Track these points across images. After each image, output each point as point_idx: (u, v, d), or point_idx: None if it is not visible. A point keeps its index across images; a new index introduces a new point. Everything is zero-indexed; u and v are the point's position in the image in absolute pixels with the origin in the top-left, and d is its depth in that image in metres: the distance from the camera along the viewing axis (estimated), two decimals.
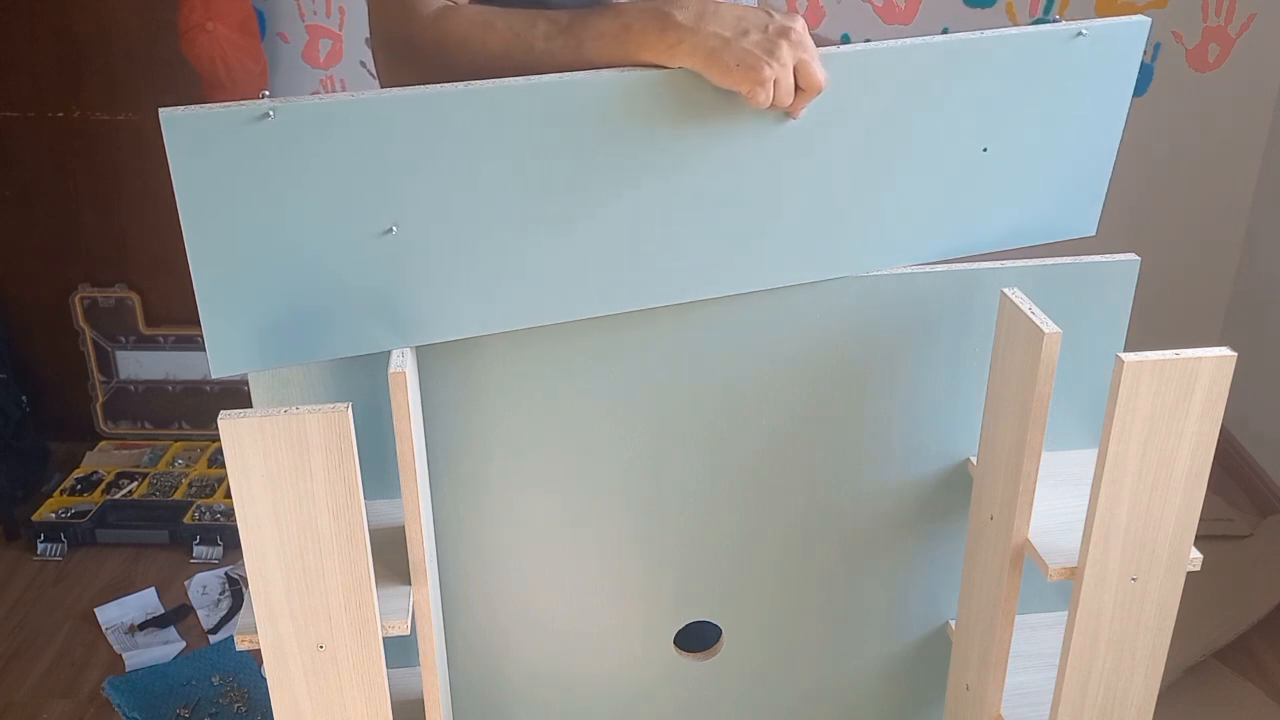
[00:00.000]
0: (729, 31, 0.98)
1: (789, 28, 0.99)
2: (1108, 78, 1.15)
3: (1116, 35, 1.13)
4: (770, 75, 0.97)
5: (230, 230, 0.96)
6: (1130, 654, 1.14)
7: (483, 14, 1.08)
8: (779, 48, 0.98)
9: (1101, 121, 1.17)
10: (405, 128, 0.96)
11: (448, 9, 1.09)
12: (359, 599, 1.02)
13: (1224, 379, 1.03)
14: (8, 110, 2.57)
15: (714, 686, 1.33)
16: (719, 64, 0.98)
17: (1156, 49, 2.62)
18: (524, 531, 1.22)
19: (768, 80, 0.97)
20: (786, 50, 0.98)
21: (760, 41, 0.98)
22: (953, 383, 1.21)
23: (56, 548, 2.53)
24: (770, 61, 0.97)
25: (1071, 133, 1.16)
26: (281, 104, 0.93)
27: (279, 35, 2.56)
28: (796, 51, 0.99)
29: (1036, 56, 1.11)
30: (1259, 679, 2.18)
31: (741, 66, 0.97)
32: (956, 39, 1.08)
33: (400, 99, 0.96)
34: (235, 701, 2.13)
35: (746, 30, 0.98)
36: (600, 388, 1.16)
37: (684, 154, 1.04)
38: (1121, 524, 1.08)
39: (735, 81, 0.98)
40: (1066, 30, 1.10)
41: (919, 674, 1.36)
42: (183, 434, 2.85)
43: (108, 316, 2.77)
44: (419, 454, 1.07)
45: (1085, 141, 1.17)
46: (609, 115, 1.01)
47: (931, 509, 1.27)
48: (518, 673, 1.29)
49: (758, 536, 1.26)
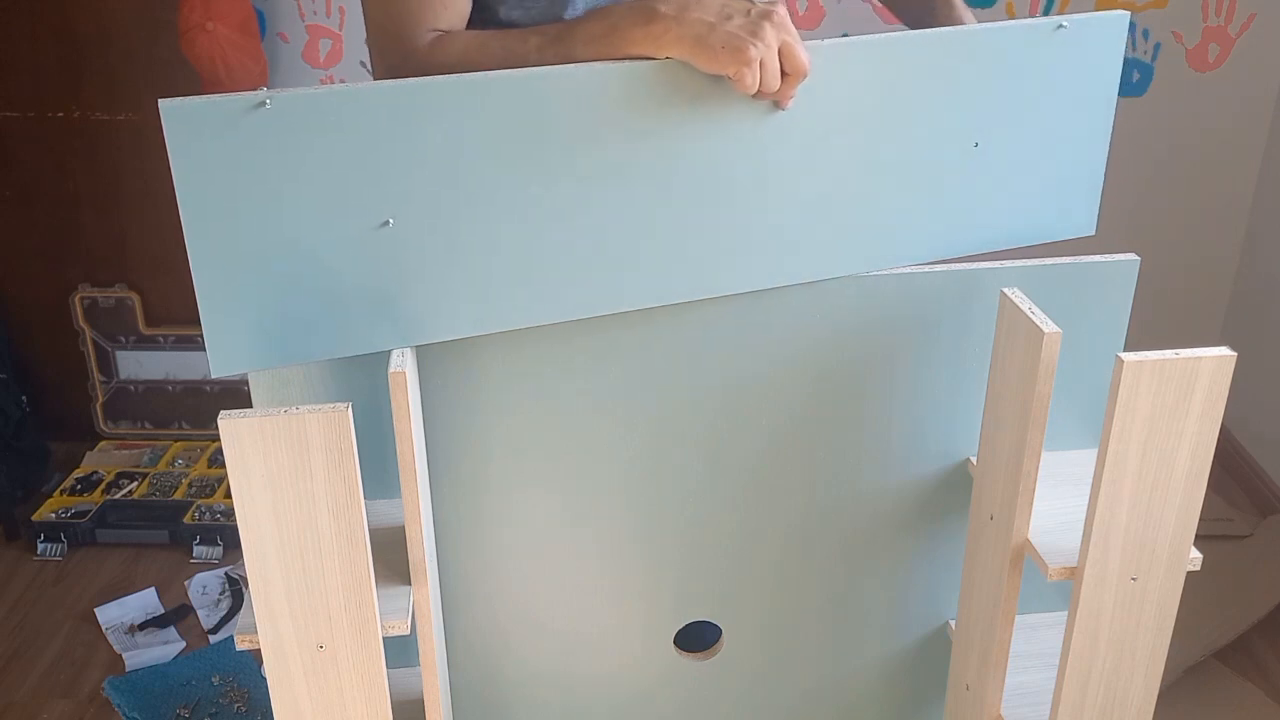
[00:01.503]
0: (713, 17, 1.01)
1: (770, 10, 1.02)
2: (1093, 70, 1.15)
3: (1098, 28, 1.14)
4: (756, 55, 0.99)
5: (229, 223, 0.97)
6: (1130, 654, 1.14)
7: (476, 37, 1.11)
8: (763, 29, 1.00)
9: (1090, 115, 1.18)
10: (398, 119, 0.97)
11: (442, 38, 1.12)
12: (359, 599, 1.02)
13: (1224, 379, 1.03)
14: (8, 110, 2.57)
15: (714, 686, 1.33)
16: (705, 48, 1.00)
17: (1156, 49, 2.62)
18: (524, 531, 1.22)
19: (754, 60, 0.99)
20: (770, 31, 1.00)
21: (744, 25, 1.00)
22: (953, 383, 1.21)
23: (56, 548, 2.53)
24: (755, 42, 0.99)
25: (1061, 127, 1.17)
26: (278, 94, 0.93)
27: (279, 35, 2.56)
28: (780, 33, 1.01)
29: (1021, 49, 1.12)
30: (1259, 679, 2.18)
31: (727, 49, 0.99)
32: (941, 32, 1.08)
33: (392, 90, 0.96)
34: (235, 701, 2.13)
35: (730, 15, 1.01)
36: (600, 388, 1.16)
37: (675, 147, 1.05)
38: (1121, 524, 1.08)
39: (722, 64, 1.00)
40: (1048, 24, 1.11)
41: (919, 674, 1.36)
42: (183, 434, 2.85)
43: (108, 316, 2.77)
44: (419, 454, 1.07)
45: (1076, 136, 1.18)
46: (599, 105, 1.02)
47: (931, 509, 1.27)
48: (518, 673, 1.29)
49: (758, 536, 1.26)
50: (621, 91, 1.02)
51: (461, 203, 1.01)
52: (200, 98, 0.93)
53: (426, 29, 1.11)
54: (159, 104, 0.92)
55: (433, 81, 0.97)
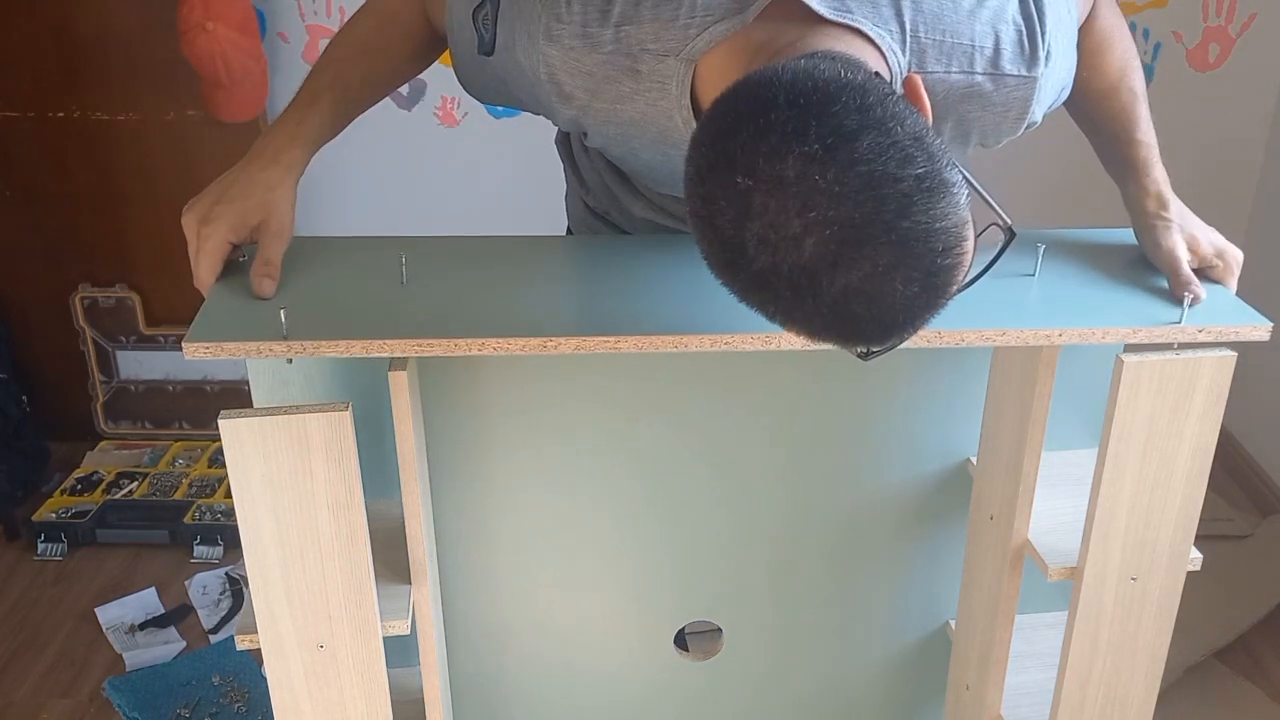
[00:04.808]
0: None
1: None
2: None
3: None
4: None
5: None
6: (1130, 654, 1.14)
7: (356, 48, 1.18)
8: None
9: None
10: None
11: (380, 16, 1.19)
12: (359, 599, 1.02)
13: (1224, 379, 1.03)
14: (8, 110, 2.57)
15: (714, 686, 1.33)
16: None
17: (1156, 49, 2.62)
18: (524, 531, 1.22)
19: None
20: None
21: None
22: (953, 383, 1.21)
23: (57, 548, 2.53)
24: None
25: None
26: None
27: (279, 35, 2.56)
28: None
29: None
30: (1259, 679, 2.18)
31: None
32: None
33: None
34: (235, 701, 2.13)
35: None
36: (600, 387, 1.16)
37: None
38: (1121, 524, 1.08)
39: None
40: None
41: (919, 674, 1.36)
42: (183, 434, 2.85)
43: (108, 316, 2.77)
44: (419, 454, 1.07)
45: None
46: None
47: (931, 509, 1.27)
48: (518, 672, 1.29)
49: (757, 536, 1.26)
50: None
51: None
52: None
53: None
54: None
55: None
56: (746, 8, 0.91)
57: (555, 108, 1.01)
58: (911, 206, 0.75)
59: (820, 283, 0.75)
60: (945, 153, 0.78)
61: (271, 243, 1.03)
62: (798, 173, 0.74)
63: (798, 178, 0.74)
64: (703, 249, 0.81)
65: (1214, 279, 1.10)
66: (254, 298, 1.01)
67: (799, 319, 0.79)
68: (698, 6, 0.93)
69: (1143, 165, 1.13)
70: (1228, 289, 1.09)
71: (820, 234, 0.74)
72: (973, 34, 0.96)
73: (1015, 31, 0.98)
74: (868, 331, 0.80)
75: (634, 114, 0.98)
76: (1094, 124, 1.17)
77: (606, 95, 0.98)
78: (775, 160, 0.74)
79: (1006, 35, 0.97)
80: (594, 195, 1.28)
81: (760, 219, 0.75)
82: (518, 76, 1.03)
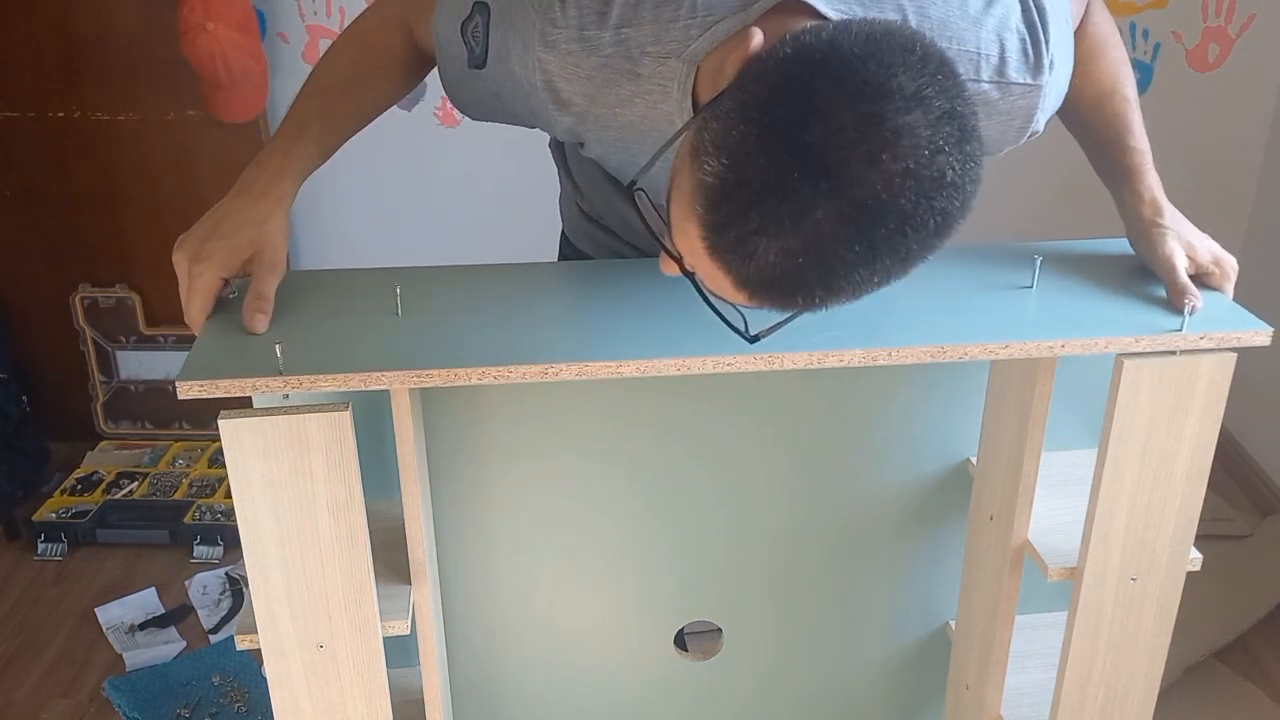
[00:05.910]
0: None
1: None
2: None
3: None
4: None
5: None
6: (1130, 654, 1.14)
7: (349, 64, 1.15)
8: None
9: None
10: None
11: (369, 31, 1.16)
12: (359, 599, 1.02)
13: (1224, 379, 1.03)
14: (8, 110, 2.57)
15: (714, 686, 1.33)
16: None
17: (1156, 49, 2.62)
18: (524, 531, 1.22)
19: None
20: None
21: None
22: (953, 383, 1.21)
23: (57, 548, 2.53)
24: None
25: None
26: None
27: (279, 35, 2.56)
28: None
29: None
30: (1259, 679, 2.18)
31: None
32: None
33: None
34: (235, 701, 2.13)
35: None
36: (600, 392, 1.16)
37: None
38: (1121, 524, 1.08)
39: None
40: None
41: (919, 674, 1.36)
42: (183, 434, 2.85)
43: (108, 316, 2.77)
44: (419, 453, 1.07)
45: None
46: None
47: (931, 509, 1.27)
48: (518, 672, 1.29)
49: (757, 536, 1.26)
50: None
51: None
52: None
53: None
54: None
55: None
56: (749, 7, 0.91)
57: (552, 116, 1.00)
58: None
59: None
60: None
61: (265, 277, 1.01)
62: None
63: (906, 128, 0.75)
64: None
65: (1211, 286, 1.09)
66: (247, 333, 0.99)
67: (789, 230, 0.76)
68: (699, 6, 0.92)
69: (1137, 171, 1.13)
70: (1224, 295, 1.09)
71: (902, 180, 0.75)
72: (979, 41, 0.96)
73: (1019, 39, 0.97)
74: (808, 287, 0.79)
75: (633, 117, 0.98)
76: (1087, 130, 1.17)
77: (605, 99, 0.97)
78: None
79: (1011, 43, 0.97)
80: (589, 200, 1.27)
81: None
82: (512, 87, 1.02)
